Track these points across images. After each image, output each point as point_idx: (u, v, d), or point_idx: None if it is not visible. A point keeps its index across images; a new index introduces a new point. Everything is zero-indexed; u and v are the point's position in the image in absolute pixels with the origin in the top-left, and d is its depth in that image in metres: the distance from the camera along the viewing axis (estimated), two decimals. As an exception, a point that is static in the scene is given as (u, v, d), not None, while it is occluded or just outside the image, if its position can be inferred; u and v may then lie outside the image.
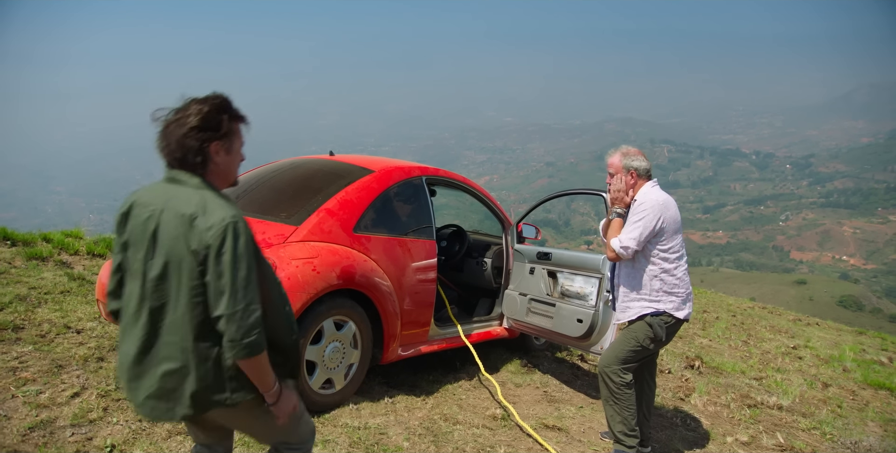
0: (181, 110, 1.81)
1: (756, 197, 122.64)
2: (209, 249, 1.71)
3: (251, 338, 1.71)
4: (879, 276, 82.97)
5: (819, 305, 52.97)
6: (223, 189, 1.88)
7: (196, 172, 1.82)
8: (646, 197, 3.30)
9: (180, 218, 1.74)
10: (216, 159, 1.83)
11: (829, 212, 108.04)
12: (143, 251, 1.79)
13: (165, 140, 1.81)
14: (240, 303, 1.70)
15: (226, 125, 1.83)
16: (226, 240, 1.70)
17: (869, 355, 8.54)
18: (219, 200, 1.78)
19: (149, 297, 1.79)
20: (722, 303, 12.05)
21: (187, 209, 1.75)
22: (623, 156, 3.39)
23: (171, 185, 1.83)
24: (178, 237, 1.74)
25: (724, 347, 7.34)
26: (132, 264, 1.83)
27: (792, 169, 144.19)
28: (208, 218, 1.72)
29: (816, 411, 5.02)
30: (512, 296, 4.72)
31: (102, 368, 3.62)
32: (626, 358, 3.32)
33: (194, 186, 1.80)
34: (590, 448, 3.58)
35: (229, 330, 1.70)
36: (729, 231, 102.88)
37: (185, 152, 1.79)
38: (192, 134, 1.77)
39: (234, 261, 1.70)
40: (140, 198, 1.86)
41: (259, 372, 1.77)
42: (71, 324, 4.27)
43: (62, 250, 6.33)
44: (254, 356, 1.73)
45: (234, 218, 1.74)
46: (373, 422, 3.42)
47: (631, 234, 3.22)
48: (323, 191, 3.87)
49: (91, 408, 3.11)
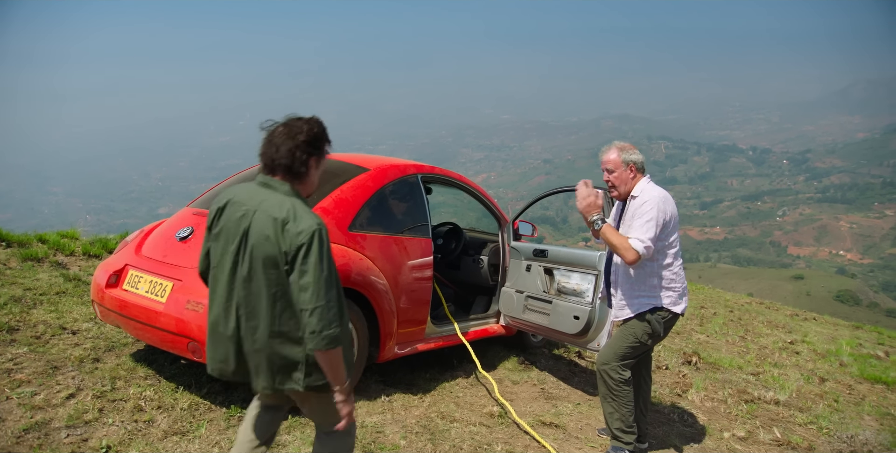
0: (289, 125, 2.06)
1: (753, 192, 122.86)
2: (298, 251, 1.95)
3: (330, 331, 1.94)
4: (876, 271, 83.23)
5: (816, 300, 53.11)
6: (305, 197, 2.13)
7: (290, 180, 2.07)
8: (647, 194, 3.26)
9: (273, 221, 1.99)
10: (311, 172, 2.11)
11: (826, 207, 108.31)
12: (235, 245, 2.05)
13: (273, 147, 2.05)
14: (322, 300, 1.93)
15: (324, 146, 2.12)
16: (313, 244, 1.95)
17: (865, 349, 8.56)
18: (305, 208, 2.04)
19: (237, 287, 2.05)
20: (719, 298, 12.08)
21: (279, 214, 1.99)
22: (621, 151, 3.35)
23: (264, 189, 2.08)
24: (269, 237, 1.98)
25: (721, 343, 7.35)
26: (221, 254, 2.10)
27: (789, 164, 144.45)
28: (298, 224, 1.97)
29: (813, 406, 5.03)
30: (508, 293, 4.72)
31: (98, 369, 3.61)
32: (625, 354, 3.32)
33: (284, 193, 2.06)
34: (587, 444, 3.58)
35: (311, 322, 1.93)
36: (726, 227, 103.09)
37: (293, 161, 2.04)
38: (301, 147, 2.04)
39: (319, 262, 1.95)
40: (236, 197, 2.11)
41: (333, 363, 1.98)
42: (66, 325, 4.26)
43: (58, 251, 6.31)
44: (332, 348, 1.95)
45: (320, 225, 1.99)
46: (369, 421, 3.42)
47: (648, 233, 3.13)
48: (318, 190, 3.85)
49: (86, 409, 3.10)
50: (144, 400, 3.30)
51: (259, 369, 2.08)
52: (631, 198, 3.33)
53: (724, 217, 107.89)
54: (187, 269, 3.42)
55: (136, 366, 3.74)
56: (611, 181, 3.38)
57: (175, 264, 3.50)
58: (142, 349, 4.04)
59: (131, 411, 3.18)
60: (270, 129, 2.08)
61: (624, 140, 3.55)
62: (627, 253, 3.12)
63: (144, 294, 3.44)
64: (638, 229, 3.16)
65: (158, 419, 3.16)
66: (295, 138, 2.04)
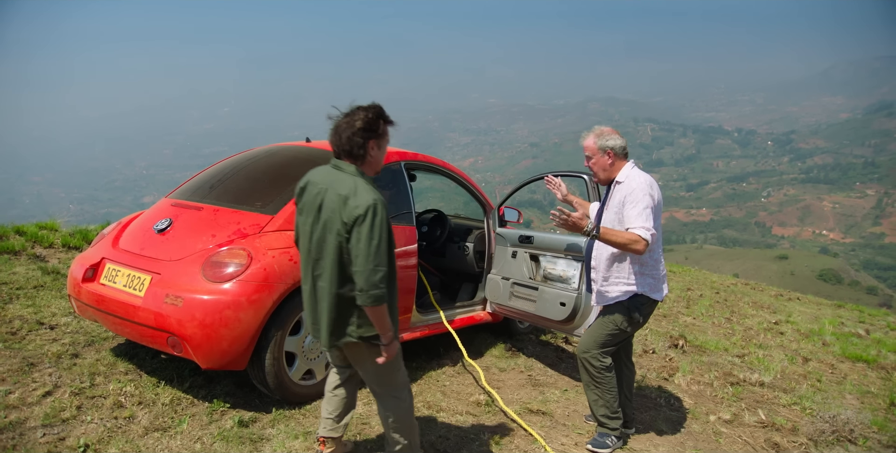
0: (350, 115, 2.41)
1: (738, 174, 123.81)
2: (355, 222, 2.30)
3: (375, 291, 2.29)
4: (857, 250, 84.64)
5: (800, 279, 53.96)
6: (370, 175, 2.49)
7: (354, 162, 2.43)
8: (634, 180, 3.18)
9: (338, 197, 2.35)
10: (371, 153, 2.44)
11: (810, 187, 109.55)
12: (312, 217, 2.45)
13: (338, 136, 2.41)
14: (370, 264, 2.29)
15: (381, 127, 2.43)
16: (367, 216, 2.29)
17: (847, 328, 8.69)
18: (367, 186, 2.37)
19: (312, 252, 2.46)
20: (706, 280, 12.18)
21: (343, 191, 2.35)
22: (597, 138, 3.27)
23: (335, 171, 2.46)
24: (335, 210, 2.35)
25: (707, 325, 7.41)
26: (303, 226, 2.50)
27: (773, 145, 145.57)
28: (357, 199, 2.32)
29: (797, 386, 5.08)
30: (494, 280, 4.69)
31: (76, 365, 3.54)
32: (605, 342, 3.29)
33: (351, 173, 2.42)
34: (574, 431, 3.58)
35: (359, 282, 2.31)
36: (712, 208, 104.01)
37: (351, 146, 2.39)
38: (358, 133, 2.38)
39: (370, 232, 2.29)
40: (313, 178, 2.51)
41: (380, 318, 2.36)
42: (44, 320, 4.17)
43: (36, 243, 6.18)
44: (377, 305, 2.32)
45: (375, 201, 2.31)
46: (355, 412, 3.39)
47: (648, 222, 3.05)
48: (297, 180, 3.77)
49: (64, 407, 3.04)
50: (125, 396, 3.24)
51: (325, 324, 2.46)
52: (616, 183, 3.27)
53: (710, 198, 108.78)
54: (166, 262, 3.34)
55: (116, 361, 3.67)
56: (589, 166, 3.35)
57: (153, 257, 3.42)
58: (122, 343, 3.97)
59: (111, 408, 3.12)
60: (336, 120, 2.42)
61: (610, 123, 3.47)
62: (637, 245, 3.01)
63: (122, 288, 3.36)
64: (636, 218, 3.07)
65: (139, 415, 3.10)
66: (353, 126, 2.37)
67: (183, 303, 3.08)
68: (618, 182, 3.26)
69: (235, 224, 3.48)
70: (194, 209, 3.68)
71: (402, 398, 2.63)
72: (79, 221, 7.13)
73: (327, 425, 2.82)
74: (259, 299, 3.13)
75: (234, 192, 3.82)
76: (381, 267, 2.30)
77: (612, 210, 3.25)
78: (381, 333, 2.41)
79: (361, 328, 2.43)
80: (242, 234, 3.41)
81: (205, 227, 3.49)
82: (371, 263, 2.28)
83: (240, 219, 3.51)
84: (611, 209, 3.26)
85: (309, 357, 3.45)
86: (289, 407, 3.35)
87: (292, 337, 3.35)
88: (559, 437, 3.49)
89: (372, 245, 2.29)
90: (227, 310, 3.06)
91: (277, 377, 3.25)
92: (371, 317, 2.37)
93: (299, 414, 3.30)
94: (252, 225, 3.47)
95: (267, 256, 3.25)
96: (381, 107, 2.46)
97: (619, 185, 3.24)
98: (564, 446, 3.40)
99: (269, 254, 3.26)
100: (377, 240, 2.29)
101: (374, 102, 2.47)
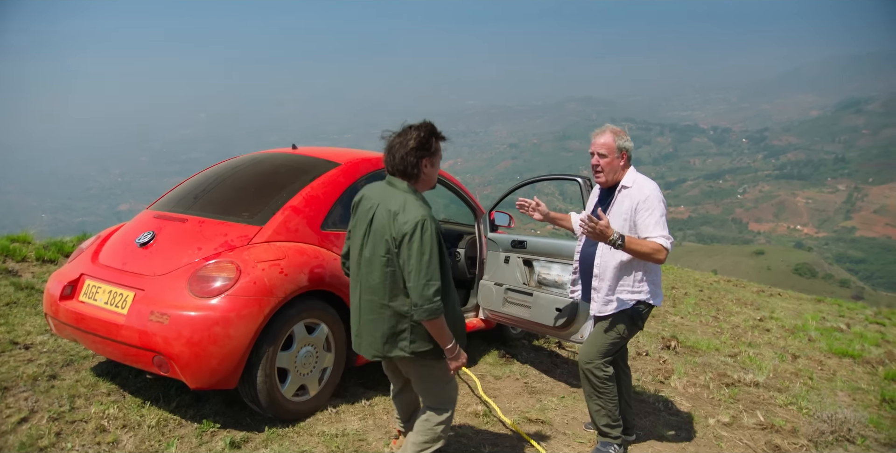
0: (402, 134, 2.47)
1: (714, 171, 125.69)
2: (403, 237, 2.35)
3: (430, 305, 2.33)
4: (830, 243, 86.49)
5: (776, 274, 54.92)
6: (423, 191, 2.56)
7: (407, 180, 2.49)
8: (644, 187, 3.10)
9: (388, 212, 2.41)
10: (425, 170, 2.50)
11: (784, 183, 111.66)
12: (363, 231, 2.52)
13: (391, 156, 2.48)
14: (422, 279, 2.33)
15: (434, 145, 2.50)
16: (415, 232, 2.34)
17: (829, 323, 8.79)
18: (417, 203, 2.43)
19: (362, 266, 2.51)
20: (688, 278, 12.27)
21: (394, 207, 2.42)
22: (616, 136, 3.13)
23: (388, 187, 2.53)
24: (385, 225, 2.41)
25: (695, 324, 7.42)
26: (355, 240, 2.57)
27: (748, 143, 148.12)
28: (406, 215, 2.37)
29: (790, 385, 5.08)
30: (487, 286, 4.60)
31: (55, 387, 3.37)
32: (607, 351, 3.20)
33: (403, 190, 2.48)
34: (575, 440, 3.51)
35: (413, 297, 2.36)
36: (690, 205, 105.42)
37: (405, 166, 2.46)
38: (411, 153, 2.44)
39: (420, 247, 2.33)
40: (367, 193, 2.59)
41: (438, 331, 2.41)
42: (18, 340, 3.99)
43: (7, 257, 5.95)
44: (433, 319, 2.36)
45: (424, 217, 2.37)
46: (351, 428, 3.27)
47: (665, 230, 3.00)
48: (287, 188, 3.66)
49: (42, 434, 2.88)
50: (108, 420, 3.08)
51: (371, 338, 2.52)
52: (622, 187, 3.16)
53: (688, 196, 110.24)
54: (149, 277, 3.20)
55: (97, 382, 3.51)
56: (601, 166, 3.17)
57: (136, 272, 3.27)
58: (103, 362, 3.80)
59: (93, 432, 2.96)
60: (389, 139, 2.50)
61: (589, 122, 3.39)
62: (660, 255, 2.96)
63: (103, 305, 3.20)
64: (655, 227, 3.01)
65: (124, 439, 2.95)
66: (406, 146, 2.44)
67: (169, 320, 2.94)
68: (624, 186, 3.14)
69: (222, 236, 3.35)
70: (178, 221, 3.54)
71: (448, 410, 2.66)
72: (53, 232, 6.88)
73: (399, 421, 2.99)
74: (249, 314, 3.00)
75: (219, 203, 3.69)
76: (433, 281, 2.34)
77: (619, 216, 3.11)
78: (442, 345, 2.46)
79: (414, 343, 2.48)
80: (230, 247, 3.28)
81: (190, 240, 3.36)
82: (424, 278, 2.33)
83: (227, 230, 3.38)
84: (618, 215, 3.11)
85: (302, 372, 3.32)
86: (282, 426, 3.22)
87: (284, 352, 3.22)
88: (560, 447, 3.41)
89: (423, 260, 2.33)
90: (216, 326, 2.93)
91: (270, 394, 3.12)
92: (430, 331, 2.42)
93: (293, 433, 3.18)
94: (240, 236, 3.34)
95: (256, 269, 3.12)
96: (433, 124, 2.53)
97: (627, 191, 3.12)
98: (567, 456, 3.32)
99: (258, 267, 3.13)
100: (428, 255, 2.34)
101: (426, 120, 2.54)
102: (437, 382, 2.61)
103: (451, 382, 2.68)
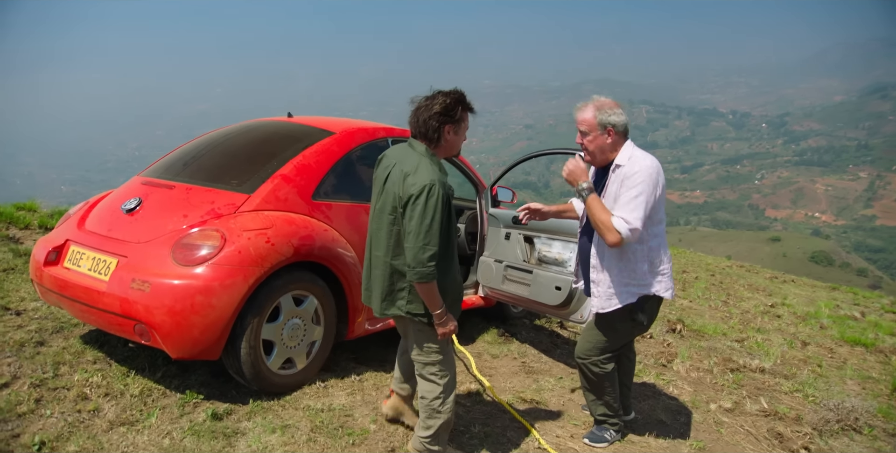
0: (430, 98, 2.48)
1: (732, 156, 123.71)
2: (409, 198, 2.37)
3: (422, 269, 2.35)
4: (849, 232, 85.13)
5: (792, 261, 54.24)
6: (442, 157, 2.56)
7: (427, 143, 2.50)
8: (636, 163, 2.72)
9: (401, 173, 2.44)
10: (446, 137, 2.51)
11: (803, 170, 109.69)
12: (378, 189, 2.57)
13: (415, 118, 2.49)
14: (419, 242, 2.35)
15: (459, 113, 2.50)
16: (421, 195, 2.35)
17: (843, 311, 8.58)
18: (431, 167, 2.43)
19: (373, 222, 2.59)
20: (700, 262, 12.05)
21: (407, 168, 2.44)
22: (597, 111, 2.76)
23: (408, 148, 2.55)
24: (396, 185, 2.44)
25: (704, 308, 7.26)
26: (373, 196, 2.61)
27: (768, 128, 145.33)
28: (415, 177, 2.39)
29: (798, 372, 4.93)
30: (487, 263, 4.48)
31: (40, 354, 3.31)
32: (605, 348, 2.96)
33: (420, 153, 2.49)
34: (570, 422, 3.41)
35: (408, 258, 2.39)
36: (706, 190, 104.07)
37: (427, 129, 2.47)
38: (434, 117, 2.45)
39: (423, 211, 2.34)
40: (388, 153, 2.63)
41: (429, 295, 2.42)
42: (10, 305, 3.94)
43: (11, 224, 5.92)
44: (424, 282, 2.38)
45: (433, 182, 2.36)
46: (337, 403, 3.19)
47: (635, 213, 2.62)
48: (278, 156, 3.53)
49: (21, 401, 2.82)
50: (90, 388, 3.03)
51: (375, 293, 2.58)
52: (616, 166, 2.78)
53: (704, 181, 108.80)
54: (133, 244, 3.10)
55: (84, 349, 3.45)
56: (584, 144, 2.82)
57: (120, 239, 3.18)
58: (94, 330, 3.74)
59: (74, 400, 2.90)
60: (417, 102, 2.50)
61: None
62: (609, 234, 2.63)
63: (87, 272, 3.12)
64: (624, 207, 2.64)
65: (105, 408, 2.89)
66: (431, 109, 2.45)
67: (150, 288, 2.85)
68: (618, 165, 2.77)
69: (209, 203, 3.24)
70: (165, 187, 3.43)
71: (439, 383, 2.63)
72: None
73: (396, 381, 3.01)
74: (233, 284, 2.90)
75: (208, 170, 3.57)
76: (430, 246, 2.35)
77: (609, 198, 2.78)
78: (431, 310, 2.46)
79: (411, 304, 2.51)
80: (216, 215, 3.17)
81: (176, 207, 3.25)
82: (421, 241, 2.34)
83: (214, 198, 3.27)
84: (611, 197, 2.77)
85: (288, 345, 3.23)
86: (267, 399, 3.15)
87: (270, 324, 3.13)
88: (554, 429, 3.31)
89: (424, 223, 2.34)
90: (198, 295, 2.83)
91: (254, 366, 3.04)
92: (420, 294, 2.43)
93: (278, 406, 3.10)
94: (227, 204, 3.23)
95: (242, 238, 3.02)
96: (463, 93, 2.52)
97: (621, 169, 2.75)
98: (560, 438, 3.22)
99: (244, 236, 3.03)
100: (430, 220, 2.34)
101: (456, 88, 2.53)
102: (430, 350, 2.60)
103: (447, 355, 2.64)
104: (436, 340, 2.58)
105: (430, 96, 2.50)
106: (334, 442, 2.86)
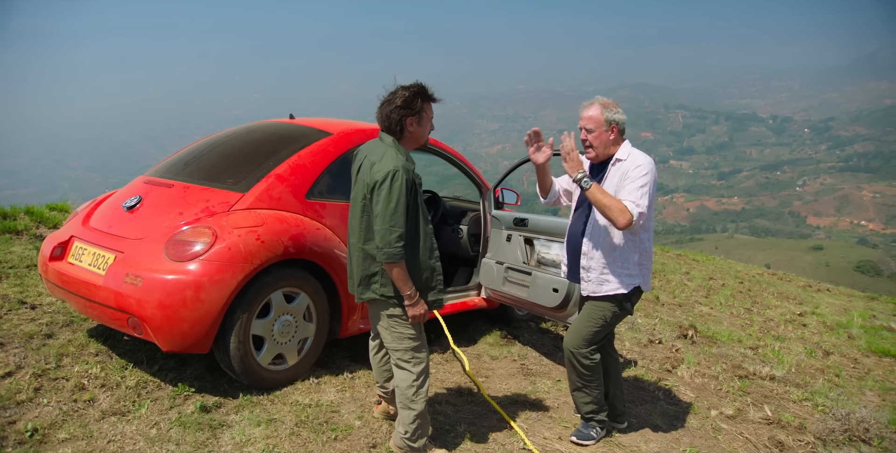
0: (392, 93, 2.65)
1: (772, 162, 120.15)
2: (375, 184, 2.53)
3: (389, 249, 2.51)
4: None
5: (836, 271, 52.20)
6: (411, 149, 2.73)
7: (393, 136, 2.67)
8: (637, 158, 2.92)
9: (369, 163, 2.62)
10: (409, 128, 2.66)
11: (849, 176, 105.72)
12: (353, 181, 2.74)
13: (380, 112, 2.67)
14: (386, 224, 2.51)
15: (419, 105, 2.64)
16: (385, 180, 2.51)
17: (878, 321, 8.22)
18: (395, 156, 2.58)
19: (351, 211, 2.73)
20: (730, 269, 11.73)
21: (374, 158, 2.62)
22: (604, 109, 2.95)
23: (378, 142, 2.72)
24: (365, 174, 2.62)
25: (724, 315, 7.07)
26: (352, 186, 2.75)
27: (810, 133, 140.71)
28: (381, 165, 2.55)
29: (812, 381, 4.77)
30: (489, 264, 4.47)
31: (46, 345, 3.45)
32: (592, 338, 3.04)
33: (387, 144, 2.65)
34: (560, 424, 3.37)
35: (377, 240, 2.54)
36: (744, 197, 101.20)
37: (389, 123, 2.64)
38: (395, 111, 2.61)
39: (388, 195, 2.50)
40: (361, 148, 2.81)
41: (398, 276, 2.57)
42: (27, 300, 4.11)
43: (40, 223, 6.18)
44: (392, 262, 2.53)
45: (396, 168, 2.52)
46: (326, 399, 3.23)
47: (643, 200, 2.80)
48: (274, 156, 3.61)
49: (20, 389, 2.94)
50: (88, 379, 3.14)
51: (354, 280, 2.72)
52: (616, 160, 2.97)
53: (742, 187, 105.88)
54: (130, 241, 3.22)
55: (89, 342, 3.58)
56: (588, 141, 2.99)
57: (119, 235, 3.29)
58: (100, 324, 3.88)
59: (71, 390, 3.02)
60: (381, 99, 2.66)
61: (641, 109, 3.17)
62: (622, 216, 2.75)
63: (87, 267, 3.25)
64: (632, 193, 2.81)
65: (100, 398, 3.00)
66: (392, 103, 2.61)
67: (142, 282, 2.95)
68: (618, 159, 2.96)
69: (204, 202, 3.33)
70: (164, 186, 3.55)
71: (412, 371, 2.72)
72: None
73: (378, 386, 3.08)
74: (222, 279, 2.98)
75: (206, 169, 3.68)
76: (396, 227, 2.49)
77: (610, 190, 2.91)
78: (401, 291, 2.59)
79: (384, 287, 2.64)
80: (210, 212, 3.26)
81: (173, 205, 3.36)
82: (387, 223, 2.49)
83: (209, 196, 3.37)
84: (609, 189, 2.92)
85: (279, 341, 3.29)
86: (257, 393, 3.21)
87: (260, 319, 3.20)
88: (542, 430, 3.28)
89: (389, 207, 2.49)
90: (187, 290, 2.92)
91: (243, 361, 3.11)
92: (390, 275, 2.57)
93: (267, 400, 3.16)
94: (221, 202, 3.32)
95: (233, 235, 3.09)
96: (423, 86, 2.66)
97: (621, 163, 2.94)
98: (547, 440, 3.19)
99: (235, 233, 3.10)
100: (394, 203, 2.49)
101: (416, 81, 2.67)
102: (403, 336, 2.70)
103: (420, 342, 2.74)
104: (408, 326, 2.68)
105: (392, 91, 2.65)
106: (317, 436, 2.90)
